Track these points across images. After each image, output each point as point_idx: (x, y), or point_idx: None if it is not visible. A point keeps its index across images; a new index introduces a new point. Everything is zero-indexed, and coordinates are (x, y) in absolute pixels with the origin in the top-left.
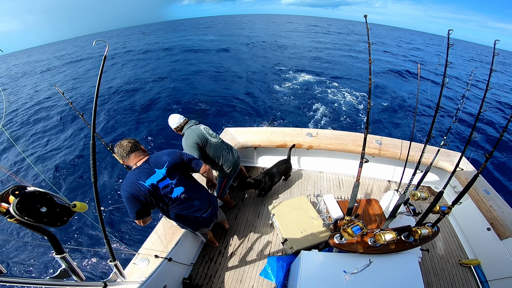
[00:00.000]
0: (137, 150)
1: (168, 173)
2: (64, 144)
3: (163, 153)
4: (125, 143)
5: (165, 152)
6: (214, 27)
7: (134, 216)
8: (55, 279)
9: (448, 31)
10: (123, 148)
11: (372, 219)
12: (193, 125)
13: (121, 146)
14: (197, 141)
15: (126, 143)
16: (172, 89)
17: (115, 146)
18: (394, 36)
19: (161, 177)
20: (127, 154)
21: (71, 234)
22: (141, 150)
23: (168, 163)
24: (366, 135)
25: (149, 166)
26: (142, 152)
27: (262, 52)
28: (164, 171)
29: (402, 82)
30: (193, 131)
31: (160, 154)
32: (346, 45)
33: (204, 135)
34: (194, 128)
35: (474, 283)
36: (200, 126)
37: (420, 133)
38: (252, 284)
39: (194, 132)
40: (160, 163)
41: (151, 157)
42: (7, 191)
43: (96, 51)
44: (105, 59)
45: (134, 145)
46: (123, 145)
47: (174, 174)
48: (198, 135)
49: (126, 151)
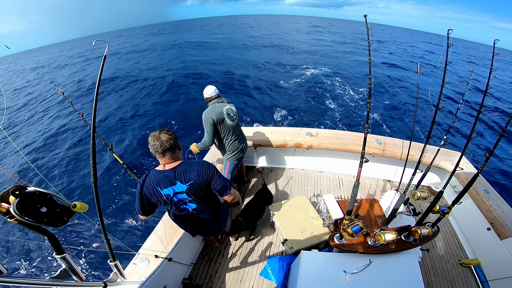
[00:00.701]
0: (173, 150)
1: (188, 191)
2: (64, 144)
3: (194, 168)
4: (165, 137)
5: (197, 168)
6: (223, 27)
7: (140, 211)
8: (55, 279)
9: (448, 30)
10: (161, 143)
11: (372, 219)
12: (219, 102)
13: (159, 139)
14: (213, 117)
15: (166, 138)
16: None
17: (151, 135)
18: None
19: (179, 191)
20: (162, 152)
21: (72, 234)
22: (178, 150)
23: (193, 182)
24: (366, 135)
25: (174, 175)
26: (176, 155)
27: (269, 52)
28: (184, 188)
29: (405, 82)
30: (214, 107)
31: (191, 167)
32: (358, 45)
33: (222, 115)
34: (217, 105)
35: (474, 283)
36: (225, 105)
37: (420, 132)
38: (252, 284)
39: (214, 109)
40: (186, 179)
41: (181, 166)
42: (7, 191)
43: (110, 49)
44: (105, 59)
45: (174, 143)
46: (162, 140)
47: (194, 193)
48: (216, 113)
49: (163, 148)
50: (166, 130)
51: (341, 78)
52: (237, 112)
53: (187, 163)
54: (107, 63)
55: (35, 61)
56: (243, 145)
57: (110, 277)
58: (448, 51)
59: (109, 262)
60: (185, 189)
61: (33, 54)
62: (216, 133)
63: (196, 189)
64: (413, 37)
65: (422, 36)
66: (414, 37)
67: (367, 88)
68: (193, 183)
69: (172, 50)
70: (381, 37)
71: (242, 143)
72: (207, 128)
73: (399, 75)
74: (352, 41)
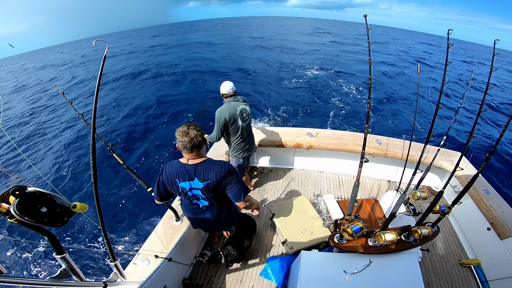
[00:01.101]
0: (201, 147)
1: (203, 189)
2: (65, 144)
3: (215, 169)
4: (194, 133)
5: (218, 170)
6: (226, 29)
7: (156, 196)
8: (55, 279)
9: (448, 30)
10: (190, 139)
11: (372, 219)
12: (235, 101)
13: (188, 135)
14: (226, 117)
15: (194, 135)
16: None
17: (178, 131)
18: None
19: (195, 187)
20: (191, 148)
21: (72, 235)
22: (204, 145)
23: (209, 182)
24: (366, 135)
25: (194, 172)
26: (202, 151)
27: (271, 52)
28: (201, 186)
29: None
30: (228, 107)
31: (212, 167)
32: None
33: (234, 115)
34: (232, 105)
35: (474, 283)
36: (239, 105)
37: (420, 132)
38: (252, 284)
39: (228, 108)
40: (204, 177)
41: (204, 164)
42: (7, 192)
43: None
44: (105, 59)
45: (202, 139)
46: (191, 136)
47: (209, 192)
48: (230, 113)
49: (192, 144)
50: (194, 126)
51: (342, 77)
52: (250, 112)
53: (209, 162)
54: (125, 61)
55: (51, 59)
56: (250, 145)
57: (110, 277)
58: (448, 51)
59: (109, 262)
60: (201, 187)
61: (41, 53)
62: (225, 131)
63: (212, 189)
64: (414, 38)
65: (423, 37)
66: (415, 38)
67: (369, 88)
68: (209, 183)
69: (180, 48)
70: (382, 38)
71: (249, 143)
72: (218, 126)
73: (400, 74)
74: (353, 42)
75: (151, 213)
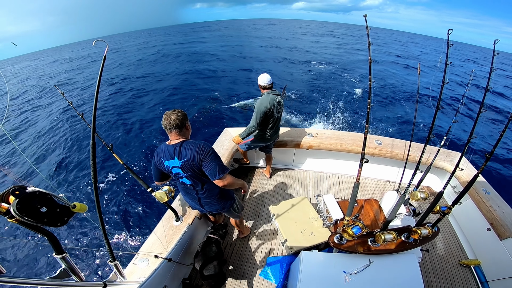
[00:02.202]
0: (179, 128)
1: (182, 167)
2: (65, 143)
3: (189, 148)
4: (174, 116)
5: (192, 148)
6: (236, 30)
7: (154, 177)
8: (55, 279)
9: (448, 30)
10: (169, 121)
11: (372, 220)
12: (274, 94)
13: (169, 118)
14: (266, 107)
15: (174, 117)
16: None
17: (165, 114)
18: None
19: (175, 165)
20: (170, 129)
21: (71, 234)
22: (185, 129)
23: (185, 160)
24: (366, 135)
25: (173, 150)
26: (183, 133)
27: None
28: (179, 164)
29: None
30: (268, 99)
31: (187, 146)
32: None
33: (273, 107)
34: (271, 97)
35: (474, 284)
36: (277, 98)
37: (420, 132)
38: (252, 284)
39: (268, 101)
40: (181, 156)
41: (181, 143)
42: (7, 191)
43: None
44: (105, 59)
45: (181, 122)
46: (171, 119)
47: (187, 170)
48: (270, 105)
49: (170, 125)
50: (178, 111)
51: (346, 78)
52: (283, 103)
53: (187, 142)
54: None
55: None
56: (275, 135)
57: (110, 277)
58: (448, 51)
59: (109, 262)
60: (180, 164)
61: (56, 52)
62: (263, 121)
63: (188, 167)
64: (424, 42)
65: (431, 41)
66: (423, 41)
67: (369, 88)
68: (185, 161)
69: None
70: (385, 39)
71: (275, 133)
72: (258, 115)
73: (400, 74)
74: (361, 44)
75: (151, 213)
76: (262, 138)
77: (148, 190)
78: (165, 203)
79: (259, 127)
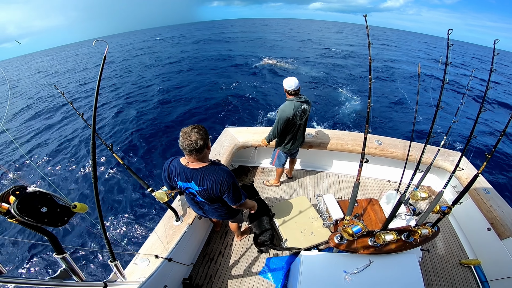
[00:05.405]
0: (200, 151)
1: (199, 192)
2: (65, 143)
3: (212, 176)
4: (195, 137)
5: (215, 178)
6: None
7: (166, 186)
8: (55, 279)
9: (448, 30)
10: (189, 143)
11: (372, 219)
12: (299, 101)
13: (189, 138)
14: (289, 115)
15: (195, 138)
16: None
17: (182, 131)
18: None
19: (191, 187)
20: (190, 151)
21: (72, 235)
22: (206, 150)
23: (205, 188)
24: (366, 135)
25: (191, 175)
26: (202, 156)
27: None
28: (196, 189)
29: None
30: (293, 106)
31: (209, 175)
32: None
33: (296, 114)
34: (296, 105)
35: (474, 283)
36: (302, 105)
37: (420, 132)
38: (252, 284)
39: (292, 108)
40: (201, 183)
41: (202, 170)
42: (7, 191)
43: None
44: (105, 59)
45: (203, 143)
46: (192, 139)
47: (204, 196)
48: (293, 112)
49: (190, 147)
50: (198, 129)
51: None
52: (309, 110)
53: (207, 170)
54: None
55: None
56: (298, 142)
57: (110, 277)
58: (448, 51)
59: (109, 262)
60: (197, 190)
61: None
62: (284, 129)
63: (206, 194)
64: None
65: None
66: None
67: (369, 88)
68: (205, 189)
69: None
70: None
71: (298, 140)
72: (280, 123)
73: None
74: (383, 46)
75: (152, 213)
76: (285, 149)
77: (148, 190)
78: (165, 203)
79: (283, 134)
